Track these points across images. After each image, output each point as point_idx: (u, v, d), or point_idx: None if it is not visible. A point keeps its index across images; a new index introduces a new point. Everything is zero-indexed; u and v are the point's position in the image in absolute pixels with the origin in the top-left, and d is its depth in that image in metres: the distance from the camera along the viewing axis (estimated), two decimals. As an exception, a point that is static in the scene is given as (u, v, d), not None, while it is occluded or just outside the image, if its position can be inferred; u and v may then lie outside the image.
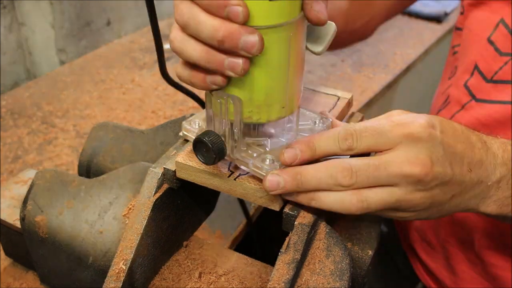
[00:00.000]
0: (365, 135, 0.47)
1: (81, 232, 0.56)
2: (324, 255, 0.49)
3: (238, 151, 0.49)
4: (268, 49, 0.44)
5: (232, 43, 0.42)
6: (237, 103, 0.46)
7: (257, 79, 0.45)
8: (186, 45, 0.44)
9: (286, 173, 0.47)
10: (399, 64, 1.39)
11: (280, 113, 0.48)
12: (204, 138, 0.46)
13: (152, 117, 1.11)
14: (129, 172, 0.57)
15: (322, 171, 0.47)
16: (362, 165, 0.46)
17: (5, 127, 1.07)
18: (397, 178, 0.46)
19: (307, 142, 0.48)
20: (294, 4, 0.44)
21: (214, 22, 0.41)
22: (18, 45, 1.26)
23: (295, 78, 0.48)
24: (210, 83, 0.45)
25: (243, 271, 0.58)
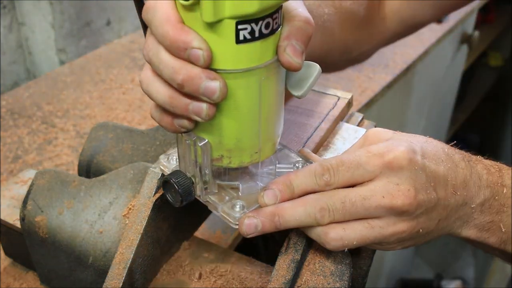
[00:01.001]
0: (341, 169, 0.46)
1: (81, 232, 0.56)
2: (324, 255, 0.49)
3: (208, 194, 0.48)
4: (237, 93, 0.41)
5: (192, 88, 0.40)
6: (205, 146, 0.44)
7: (226, 124, 0.43)
8: (152, 87, 0.42)
9: (263, 215, 0.45)
10: (399, 64, 1.39)
11: (253, 157, 0.46)
12: (171, 179, 0.46)
13: (152, 117, 1.11)
14: (129, 172, 0.57)
15: (300, 212, 0.45)
16: (337, 202, 0.45)
17: (5, 127, 1.06)
18: (377, 211, 0.45)
19: (284, 182, 0.46)
20: (266, 47, 0.41)
21: (174, 64, 0.40)
22: (18, 45, 1.26)
23: (269, 123, 0.45)
24: (178, 126, 0.44)
25: (243, 271, 0.58)
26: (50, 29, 1.29)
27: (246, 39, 0.39)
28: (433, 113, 2.03)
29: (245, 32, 0.39)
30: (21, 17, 1.24)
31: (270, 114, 0.45)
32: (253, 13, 0.38)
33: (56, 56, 1.34)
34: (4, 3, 1.19)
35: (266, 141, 0.46)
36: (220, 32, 0.39)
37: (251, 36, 0.39)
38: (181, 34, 0.39)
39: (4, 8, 1.19)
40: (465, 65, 2.27)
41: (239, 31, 0.39)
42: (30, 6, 1.24)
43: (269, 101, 0.44)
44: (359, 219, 0.46)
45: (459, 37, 1.94)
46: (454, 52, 1.96)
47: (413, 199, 0.45)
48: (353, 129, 0.61)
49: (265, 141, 0.46)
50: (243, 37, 0.39)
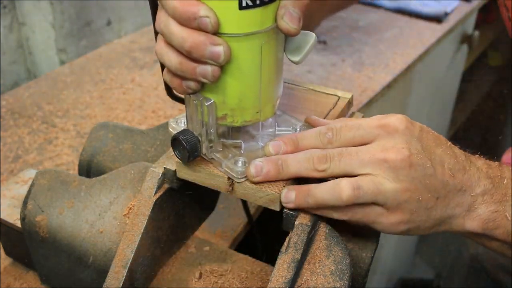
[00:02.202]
0: (344, 129, 0.50)
1: (81, 232, 0.56)
2: (325, 255, 0.49)
3: (213, 151, 0.51)
4: (240, 56, 0.46)
5: (199, 53, 0.44)
6: (211, 106, 0.48)
7: (230, 84, 0.47)
8: (164, 54, 0.47)
9: (268, 160, 0.49)
10: (399, 64, 1.39)
11: (254, 117, 0.50)
12: (180, 136, 0.49)
13: (152, 117, 1.11)
14: (130, 172, 0.57)
15: (301, 157, 0.49)
16: (336, 152, 0.49)
17: (6, 127, 1.07)
18: (371, 164, 0.47)
19: (290, 137, 0.51)
20: (266, 13, 0.45)
21: (182, 33, 0.44)
22: (18, 45, 1.26)
23: (269, 85, 0.49)
24: (186, 87, 0.48)
25: (244, 271, 0.58)
26: (50, 29, 1.29)
27: (248, 5, 0.43)
28: (433, 113, 2.03)
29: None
30: (22, 17, 1.24)
31: (270, 76, 0.49)
32: None
33: (56, 56, 1.34)
34: (5, 3, 1.19)
35: (266, 102, 0.50)
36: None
37: (253, 3, 0.43)
38: (189, 5, 0.43)
39: (5, 8, 1.19)
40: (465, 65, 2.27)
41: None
42: (30, 6, 1.24)
43: (269, 64, 0.48)
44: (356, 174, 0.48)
45: (459, 37, 1.94)
46: (454, 52, 1.96)
47: (406, 157, 0.47)
48: None
49: (265, 102, 0.50)
50: (245, 3, 0.43)
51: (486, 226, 0.51)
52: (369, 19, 1.64)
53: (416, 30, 1.60)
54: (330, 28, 1.54)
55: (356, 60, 1.39)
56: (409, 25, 1.62)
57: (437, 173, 0.49)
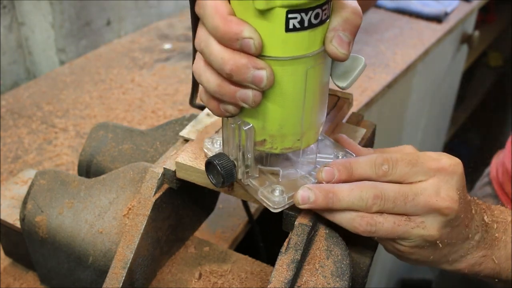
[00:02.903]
0: (400, 163, 0.48)
1: (81, 232, 0.56)
2: (324, 255, 0.49)
3: (249, 177, 0.49)
4: (283, 81, 0.43)
5: (240, 77, 0.41)
6: (249, 130, 0.46)
7: (271, 110, 0.44)
8: (202, 75, 0.44)
9: (319, 189, 0.47)
10: (399, 64, 1.39)
11: (295, 144, 0.47)
12: (215, 161, 0.47)
13: (152, 117, 1.11)
14: (129, 172, 0.57)
15: (355, 194, 0.47)
16: (392, 194, 0.47)
17: (5, 127, 1.06)
18: (423, 210, 0.47)
19: (344, 164, 0.48)
20: (314, 37, 0.42)
21: (224, 55, 0.41)
22: (18, 45, 1.26)
23: (313, 112, 0.46)
24: (223, 110, 0.45)
25: (243, 271, 0.58)
26: (50, 29, 1.29)
27: (295, 28, 0.40)
28: (433, 113, 2.03)
29: (295, 21, 0.40)
30: (21, 17, 1.24)
31: (314, 103, 0.46)
32: (304, 2, 0.39)
33: (56, 56, 1.34)
34: (4, 3, 1.19)
35: (308, 129, 0.47)
36: (271, 20, 0.40)
37: (300, 25, 0.40)
38: (232, 25, 0.40)
39: (4, 8, 1.19)
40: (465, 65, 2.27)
41: (289, 20, 0.40)
42: (30, 6, 1.24)
43: (313, 90, 0.45)
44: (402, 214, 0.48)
45: (459, 37, 1.94)
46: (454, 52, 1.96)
47: (457, 207, 0.47)
48: (353, 129, 0.61)
49: (307, 129, 0.47)
50: (292, 26, 0.40)
51: (472, 269, 0.53)
52: (369, 19, 1.64)
53: (416, 30, 1.60)
54: (330, 28, 1.53)
55: (356, 60, 1.39)
56: (409, 25, 1.62)
57: (460, 222, 0.49)
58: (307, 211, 0.50)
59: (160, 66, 1.32)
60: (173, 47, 1.42)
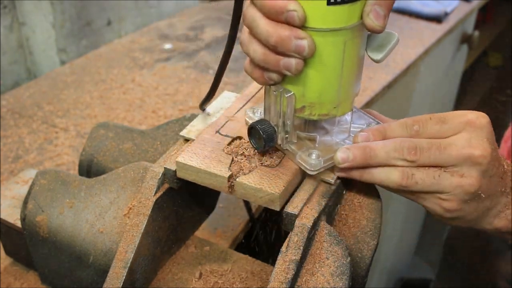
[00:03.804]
0: (430, 122, 0.51)
1: (81, 231, 0.56)
2: (324, 255, 0.49)
3: (288, 143, 0.52)
4: (323, 51, 0.46)
5: (284, 47, 0.45)
6: (290, 97, 0.49)
7: (311, 78, 0.48)
8: (249, 47, 0.48)
9: (356, 147, 0.50)
10: (399, 64, 1.39)
11: (332, 112, 0.51)
12: (257, 126, 0.50)
13: (153, 117, 1.11)
14: (130, 171, 0.57)
15: (390, 146, 0.50)
16: (426, 144, 0.50)
17: (6, 127, 1.07)
18: (458, 159, 0.49)
19: (378, 128, 0.52)
20: (353, 10, 0.45)
21: (268, 28, 0.45)
22: (18, 45, 1.26)
23: (349, 82, 0.50)
24: (267, 79, 0.49)
25: (244, 270, 0.58)
26: (50, 29, 1.29)
27: (336, 1, 0.44)
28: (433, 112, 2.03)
29: None
30: (22, 17, 1.24)
31: (351, 73, 0.49)
32: None
33: (56, 56, 1.34)
34: (5, 3, 1.19)
35: (344, 98, 0.51)
36: None
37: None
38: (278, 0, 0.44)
39: (5, 8, 1.19)
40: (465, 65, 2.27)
41: None
42: (30, 6, 1.24)
43: (351, 61, 0.48)
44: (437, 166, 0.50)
45: (459, 37, 1.94)
46: (454, 52, 1.96)
47: (489, 155, 0.50)
48: None
49: (344, 98, 0.50)
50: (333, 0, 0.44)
51: (509, 226, 0.54)
52: (369, 19, 1.63)
53: (416, 30, 1.60)
54: (330, 28, 1.53)
55: (356, 60, 1.39)
56: (409, 25, 1.62)
57: (495, 173, 0.51)
58: (307, 211, 0.50)
59: (160, 66, 1.32)
60: (173, 47, 1.42)
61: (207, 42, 1.48)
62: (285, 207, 0.50)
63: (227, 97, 0.64)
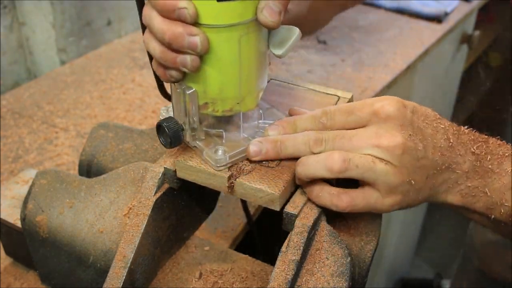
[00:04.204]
0: (337, 113, 0.52)
1: (81, 231, 0.56)
2: (324, 255, 0.49)
3: (196, 140, 0.53)
4: (219, 47, 0.47)
5: (177, 44, 0.46)
6: (192, 94, 0.50)
7: (210, 74, 0.49)
8: (149, 45, 0.50)
9: (267, 141, 0.52)
10: (399, 64, 1.39)
11: (235, 107, 0.52)
12: (163, 124, 0.51)
13: (153, 117, 1.11)
14: (130, 171, 0.57)
15: (298, 139, 0.51)
16: (331, 136, 0.50)
17: (6, 127, 1.07)
18: (365, 150, 0.49)
19: (288, 120, 0.53)
20: (246, 6, 0.46)
21: (162, 26, 0.46)
22: (18, 45, 1.26)
23: (250, 77, 0.50)
24: (169, 76, 0.50)
25: (244, 270, 0.58)
26: (50, 29, 1.29)
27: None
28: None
29: None
30: (22, 17, 1.24)
31: (250, 68, 0.50)
32: None
33: (56, 56, 1.34)
34: (5, 3, 1.19)
35: (247, 93, 0.51)
36: None
37: None
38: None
39: (5, 8, 1.19)
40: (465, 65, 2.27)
41: None
42: (30, 6, 1.24)
43: (249, 56, 0.49)
44: None
45: (459, 37, 1.94)
46: (454, 52, 1.96)
47: (400, 144, 0.49)
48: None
49: (246, 93, 0.51)
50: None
51: (466, 201, 0.53)
52: (369, 19, 1.64)
53: (416, 30, 1.60)
54: (330, 28, 1.54)
55: (356, 60, 1.39)
56: (409, 25, 1.62)
57: (427, 154, 0.50)
58: (307, 211, 0.50)
59: (160, 66, 1.32)
60: (173, 47, 1.42)
61: (207, 42, 1.47)
62: (285, 207, 0.50)
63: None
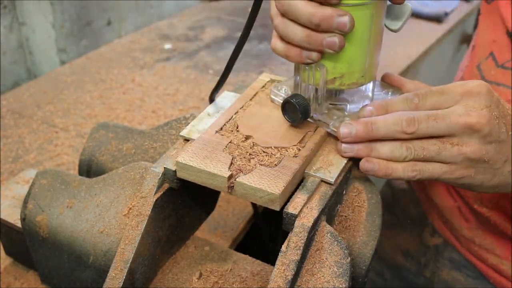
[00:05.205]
0: (429, 94, 0.53)
1: (81, 231, 0.56)
2: (325, 255, 0.49)
3: (320, 113, 0.56)
4: (356, 24, 0.50)
5: (327, 25, 0.49)
6: (323, 70, 0.53)
7: (343, 50, 0.52)
8: (287, 29, 0.51)
9: (358, 122, 0.52)
10: (399, 64, 1.39)
11: (359, 80, 0.55)
12: (292, 100, 0.54)
13: (153, 117, 1.11)
14: (130, 171, 0.57)
15: (389, 120, 0.52)
16: (423, 115, 0.51)
17: (6, 127, 1.07)
18: (455, 128, 0.50)
19: (381, 103, 0.54)
20: None
21: (310, 9, 0.48)
22: (18, 45, 1.26)
23: (374, 51, 0.54)
24: (305, 58, 0.52)
25: (244, 270, 0.58)
26: (50, 29, 1.29)
27: None
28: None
29: None
30: (22, 17, 1.24)
31: (376, 43, 0.54)
32: None
33: (56, 56, 1.34)
34: (5, 3, 1.19)
35: (370, 66, 0.55)
36: None
37: None
38: None
39: (5, 8, 1.19)
40: (465, 65, 2.27)
41: None
42: (30, 6, 1.24)
43: (376, 32, 0.53)
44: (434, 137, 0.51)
45: (459, 37, 1.94)
46: (454, 52, 1.96)
47: (487, 122, 0.50)
48: None
49: (369, 66, 0.55)
50: None
51: None
52: (369, 19, 1.64)
53: (416, 30, 1.60)
54: (330, 28, 1.53)
55: (356, 60, 1.39)
56: (409, 25, 1.62)
57: (509, 138, 0.52)
58: (307, 211, 0.50)
59: (160, 66, 1.32)
60: (173, 47, 1.42)
61: (207, 42, 1.48)
62: (285, 207, 0.50)
63: (227, 97, 0.64)
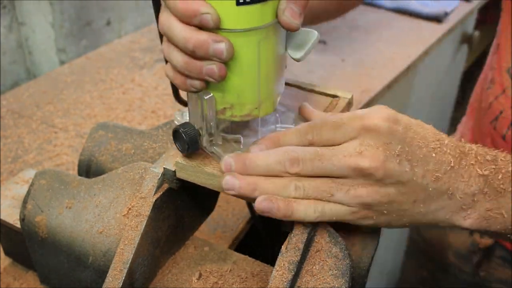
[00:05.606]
0: (324, 128, 0.48)
1: (81, 232, 0.56)
2: (324, 255, 0.49)
3: (213, 145, 0.52)
4: (238, 52, 0.46)
5: (202, 52, 0.45)
6: (210, 100, 0.49)
7: (229, 80, 0.48)
8: (170, 55, 0.48)
9: (237, 157, 0.48)
10: (399, 64, 1.39)
11: (253, 112, 0.51)
12: (180, 129, 0.50)
13: (152, 117, 1.11)
14: (129, 172, 0.57)
15: (271, 158, 0.48)
16: (308, 155, 0.47)
17: (5, 127, 1.06)
18: (344, 169, 0.46)
19: (272, 138, 0.50)
20: (265, 10, 0.45)
21: (185, 33, 0.44)
22: (18, 45, 1.26)
23: (268, 82, 0.49)
24: (190, 86, 0.49)
25: (244, 271, 0.58)
26: (50, 29, 1.29)
27: (245, 1, 0.44)
28: (433, 113, 2.03)
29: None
30: (21, 17, 1.24)
31: (269, 73, 0.49)
32: None
33: (56, 56, 1.34)
34: (4, 3, 1.19)
35: (265, 98, 0.50)
36: None
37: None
38: (189, 3, 0.43)
39: (4, 8, 1.19)
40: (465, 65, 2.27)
41: None
42: (30, 6, 1.24)
43: (267, 61, 0.48)
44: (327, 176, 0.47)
45: (459, 37, 1.94)
46: (454, 52, 1.96)
47: (380, 164, 0.45)
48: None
49: (264, 98, 0.50)
50: (242, 0, 0.44)
51: (480, 224, 0.49)
52: (369, 19, 1.64)
53: (416, 30, 1.60)
54: (330, 28, 1.54)
55: (356, 60, 1.39)
56: (409, 25, 1.62)
57: (416, 177, 0.47)
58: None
59: (160, 66, 1.32)
60: (173, 47, 1.42)
61: (207, 42, 1.47)
62: (285, 208, 0.50)
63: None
